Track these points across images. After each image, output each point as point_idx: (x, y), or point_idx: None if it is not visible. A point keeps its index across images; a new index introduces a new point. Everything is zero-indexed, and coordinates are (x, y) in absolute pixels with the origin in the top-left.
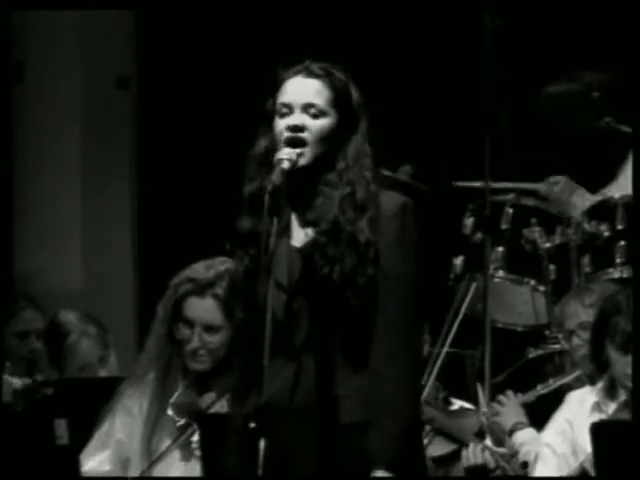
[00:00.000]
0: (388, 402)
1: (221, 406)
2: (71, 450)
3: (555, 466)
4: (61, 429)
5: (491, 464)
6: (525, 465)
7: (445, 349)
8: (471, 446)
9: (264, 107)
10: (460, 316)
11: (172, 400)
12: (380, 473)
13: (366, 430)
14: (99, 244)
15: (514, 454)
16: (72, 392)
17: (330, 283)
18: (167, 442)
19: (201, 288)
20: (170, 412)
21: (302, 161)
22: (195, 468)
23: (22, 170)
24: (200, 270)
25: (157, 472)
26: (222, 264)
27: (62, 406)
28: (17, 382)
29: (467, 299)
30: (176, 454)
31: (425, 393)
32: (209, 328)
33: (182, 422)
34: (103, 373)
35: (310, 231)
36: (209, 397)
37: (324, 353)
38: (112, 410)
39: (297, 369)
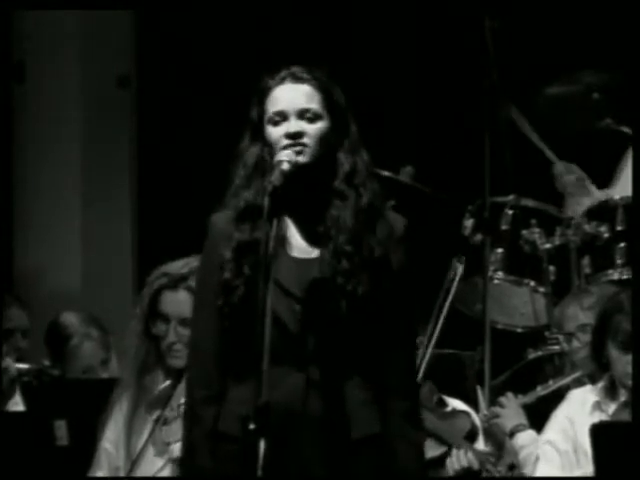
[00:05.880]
0: (410, 415)
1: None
2: (71, 451)
3: (558, 463)
4: (61, 430)
5: (475, 466)
6: (512, 467)
7: (430, 349)
8: (454, 452)
9: (249, 117)
10: (444, 312)
11: (150, 398)
12: None
13: (382, 442)
14: (99, 244)
15: (500, 456)
16: (72, 392)
17: (350, 295)
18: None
19: (174, 282)
20: (148, 410)
21: (303, 159)
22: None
23: (22, 170)
24: (174, 265)
25: (139, 473)
26: (197, 260)
27: (62, 406)
28: (22, 366)
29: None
30: (150, 450)
31: None
32: (184, 322)
33: (154, 416)
34: (105, 376)
35: (321, 242)
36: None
37: (334, 364)
38: (103, 422)
39: (306, 379)
